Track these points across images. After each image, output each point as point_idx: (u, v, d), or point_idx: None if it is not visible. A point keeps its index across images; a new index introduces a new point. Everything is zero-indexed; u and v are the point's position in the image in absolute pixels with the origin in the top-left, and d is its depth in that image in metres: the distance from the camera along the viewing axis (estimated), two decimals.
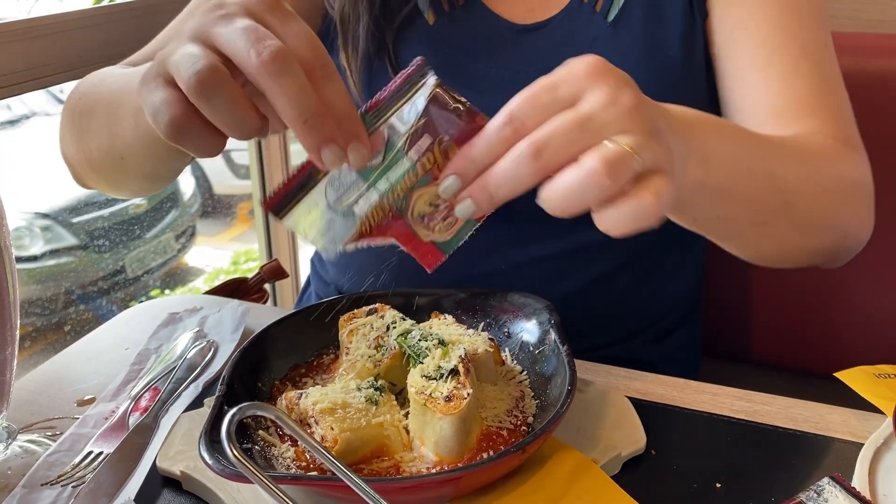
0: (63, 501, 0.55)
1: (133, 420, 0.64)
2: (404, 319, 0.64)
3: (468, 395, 0.54)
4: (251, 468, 0.36)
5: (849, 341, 1.00)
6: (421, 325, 0.65)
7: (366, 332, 0.63)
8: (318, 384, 0.63)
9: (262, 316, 0.84)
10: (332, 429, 0.52)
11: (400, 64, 0.79)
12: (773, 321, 1.05)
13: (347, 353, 0.62)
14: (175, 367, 0.70)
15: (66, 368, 0.74)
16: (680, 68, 0.77)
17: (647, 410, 0.64)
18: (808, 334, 1.03)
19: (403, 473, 0.54)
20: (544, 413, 0.59)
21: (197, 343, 0.74)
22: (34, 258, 3.40)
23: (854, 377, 0.68)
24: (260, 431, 0.56)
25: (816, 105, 0.73)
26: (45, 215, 3.57)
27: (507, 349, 0.68)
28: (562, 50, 0.77)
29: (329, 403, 0.54)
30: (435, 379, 0.56)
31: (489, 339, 0.64)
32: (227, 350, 0.74)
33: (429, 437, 0.54)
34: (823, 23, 0.79)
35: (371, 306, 0.66)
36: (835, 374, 0.69)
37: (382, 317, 0.65)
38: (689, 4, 0.78)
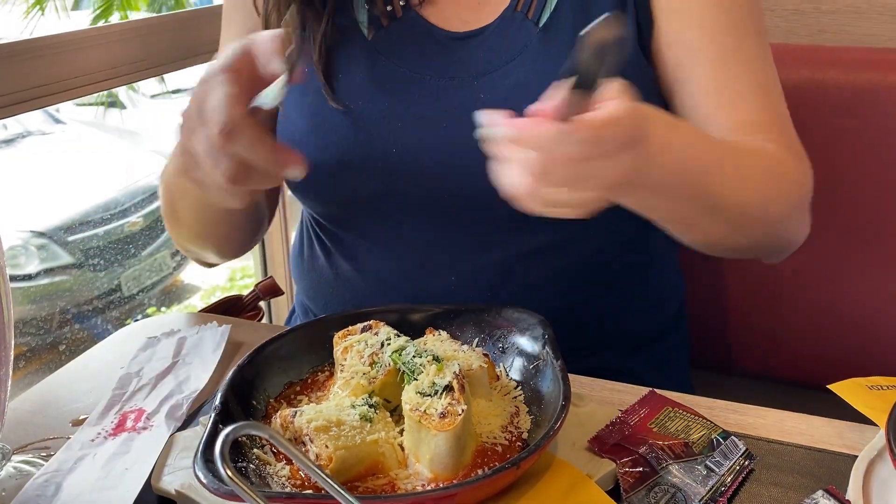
0: None
1: (117, 439, 0.63)
2: (399, 336, 0.65)
3: (462, 411, 0.54)
4: (245, 487, 0.36)
5: (840, 352, 1.01)
6: (415, 341, 0.65)
7: (360, 350, 0.63)
8: (312, 402, 0.63)
9: (258, 333, 0.84)
10: (326, 447, 0.53)
11: (335, 79, 0.81)
12: (763, 331, 1.05)
13: (342, 371, 0.63)
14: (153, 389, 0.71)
15: (61, 388, 0.74)
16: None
17: None
18: (799, 345, 1.04)
19: (399, 491, 0.54)
20: (539, 428, 0.59)
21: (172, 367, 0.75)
22: (29, 277, 3.40)
23: (848, 389, 0.69)
24: (255, 450, 0.56)
25: (765, 122, 0.79)
26: (41, 234, 3.57)
27: (501, 364, 0.68)
28: (494, 56, 0.79)
29: (323, 421, 0.54)
30: (430, 395, 0.56)
31: (483, 354, 0.64)
32: (207, 370, 0.74)
33: (424, 454, 0.54)
34: (763, 35, 0.82)
35: (365, 323, 0.67)
36: (828, 387, 0.69)
37: (377, 333, 0.65)
38: (623, 9, 0.78)
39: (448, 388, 0.56)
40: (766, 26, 0.84)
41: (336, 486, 0.39)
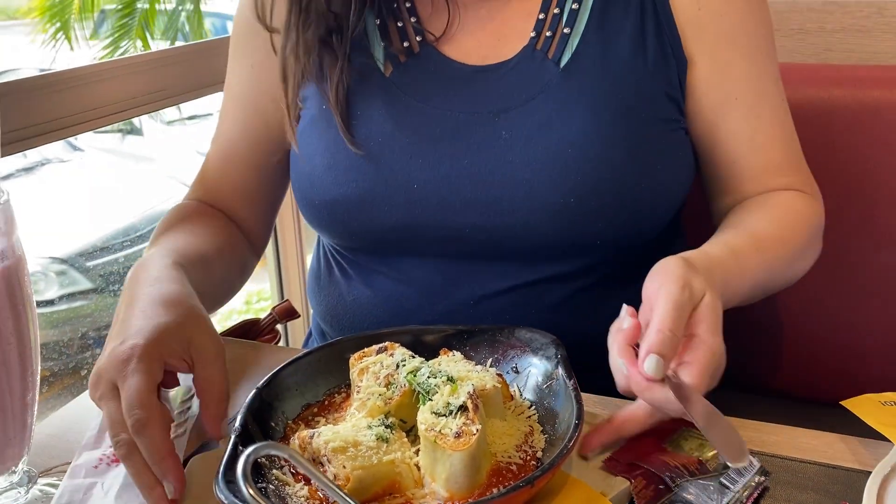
0: None
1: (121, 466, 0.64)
2: (413, 357, 0.65)
3: (477, 430, 0.55)
4: None
5: (854, 368, 1.00)
6: (430, 361, 0.66)
7: (376, 371, 0.64)
8: (330, 423, 0.64)
9: (275, 355, 0.85)
10: (344, 467, 0.53)
11: (353, 118, 0.82)
12: (776, 349, 1.05)
13: (358, 392, 0.63)
14: None
15: (84, 412, 0.75)
16: (634, 112, 0.80)
17: None
18: (812, 362, 1.04)
19: None
20: (553, 447, 0.60)
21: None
22: (50, 303, 3.44)
23: (860, 406, 0.69)
24: (274, 471, 0.57)
25: (788, 164, 0.87)
26: (61, 260, 3.62)
27: (515, 384, 0.68)
28: (515, 92, 0.81)
29: (341, 442, 0.55)
30: (444, 415, 0.57)
31: (497, 374, 0.65)
32: None
33: (440, 474, 0.55)
34: (778, 68, 0.88)
35: (381, 345, 0.67)
36: (841, 403, 0.70)
37: (392, 355, 0.66)
38: (644, 52, 0.81)
39: (463, 408, 0.57)
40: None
41: (334, 488, 0.40)
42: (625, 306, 0.66)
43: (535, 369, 0.67)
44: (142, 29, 5.05)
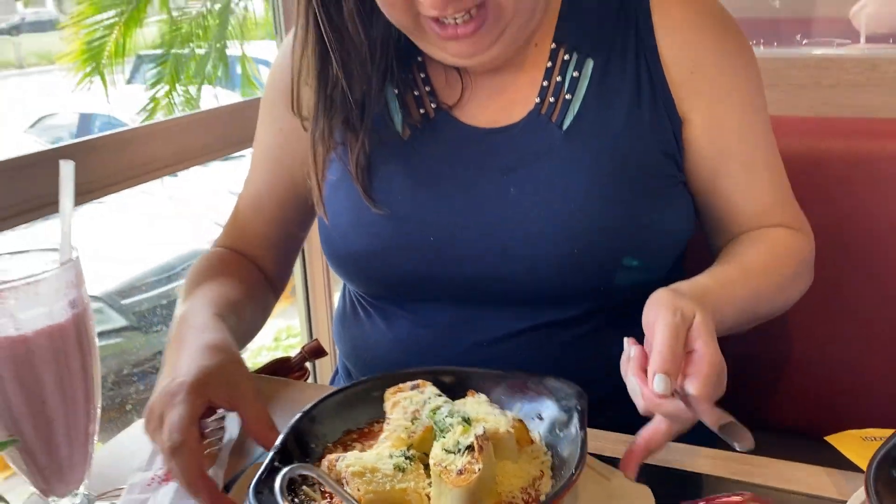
0: None
1: (171, 485, 0.72)
2: (440, 396, 0.71)
3: (478, 470, 0.60)
4: None
5: (840, 405, 1.05)
6: (457, 401, 0.71)
7: (405, 406, 0.70)
8: (364, 449, 0.69)
9: (304, 392, 0.93)
10: (358, 490, 0.60)
11: (374, 178, 0.90)
12: (774, 385, 1.11)
13: (388, 423, 0.69)
14: None
15: (132, 443, 0.83)
16: (632, 171, 0.86)
17: (653, 475, 0.70)
18: (802, 398, 1.09)
19: None
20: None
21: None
22: None
23: (843, 441, 0.75)
24: (304, 487, 0.63)
25: (777, 203, 0.94)
26: (96, 298, 3.73)
27: (537, 431, 0.71)
28: (521, 153, 0.88)
29: (360, 467, 0.61)
30: (454, 453, 0.62)
31: (516, 419, 0.69)
32: (237, 421, 0.82)
33: None
34: (769, 119, 0.94)
35: (414, 382, 0.73)
36: (826, 438, 0.75)
37: (423, 392, 0.71)
38: (640, 114, 0.87)
39: (470, 448, 0.62)
40: (770, 100, 0.94)
41: None
42: (626, 339, 0.73)
43: (556, 417, 0.71)
44: (174, 75, 5.25)
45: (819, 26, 2.27)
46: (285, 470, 0.46)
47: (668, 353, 0.66)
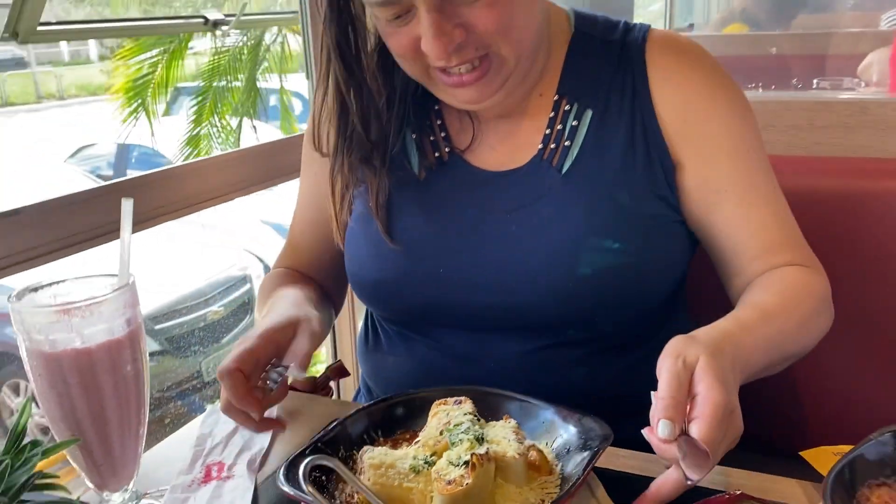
0: None
1: (208, 487, 0.82)
2: (470, 414, 0.78)
3: (466, 484, 0.66)
4: (316, 495, 0.52)
5: (816, 422, 1.11)
6: (490, 422, 0.78)
7: (441, 418, 0.78)
8: (411, 446, 0.77)
9: (329, 407, 1.01)
10: (368, 479, 0.68)
11: (392, 215, 1.00)
12: (757, 404, 1.15)
13: (424, 431, 0.78)
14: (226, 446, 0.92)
15: (173, 451, 0.92)
16: (626, 211, 0.94)
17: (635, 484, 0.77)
18: (780, 416, 1.15)
19: None
20: None
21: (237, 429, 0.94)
22: None
23: (816, 456, 0.81)
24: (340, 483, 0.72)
25: (786, 242, 0.97)
26: None
27: (561, 463, 0.76)
28: (523, 195, 0.97)
29: (378, 461, 0.70)
30: (455, 465, 0.69)
31: (537, 449, 0.75)
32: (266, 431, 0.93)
33: None
34: (768, 163, 0.99)
35: (458, 398, 0.81)
36: (800, 454, 0.82)
37: (461, 408, 0.79)
38: (634, 160, 0.95)
39: (467, 463, 0.69)
40: (768, 140, 0.99)
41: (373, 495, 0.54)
42: (652, 393, 0.73)
43: (575, 453, 0.76)
44: (213, 108, 5.44)
45: (820, 67, 2.35)
46: (307, 459, 0.54)
47: (669, 399, 0.69)
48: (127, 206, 0.74)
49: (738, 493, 0.74)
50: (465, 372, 1.00)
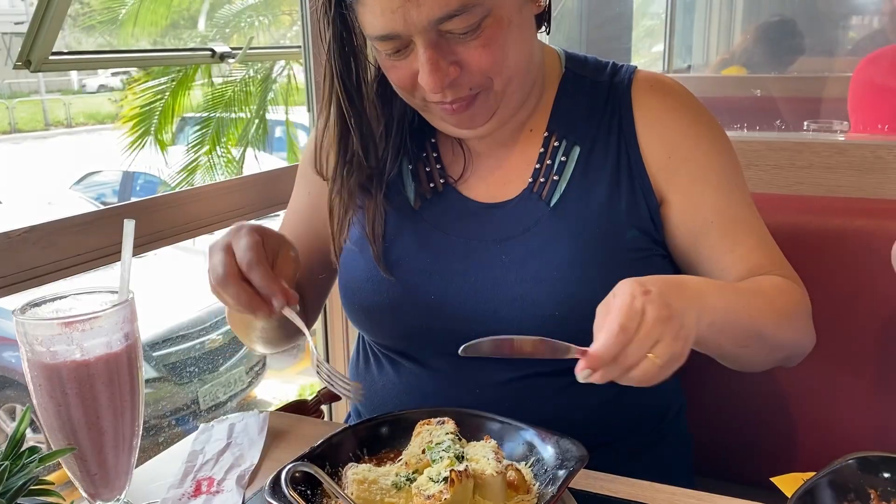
0: None
1: (197, 500, 0.85)
2: (452, 434, 0.81)
3: (444, 500, 0.69)
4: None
5: (789, 452, 1.14)
6: (471, 442, 0.81)
7: (423, 437, 0.81)
8: (394, 463, 0.80)
9: (320, 428, 1.04)
10: (351, 494, 0.71)
11: (386, 241, 1.04)
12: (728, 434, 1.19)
13: (407, 449, 0.81)
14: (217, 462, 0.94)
15: (163, 468, 0.95)
16: (611, 244, 0.98)
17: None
18: (757, 443, 1.18)
19: None
20: None
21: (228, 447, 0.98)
22: None
23: (787, 483, 0.84)
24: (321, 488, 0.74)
25: (768, 263, 1.00)
26: None
27: (538, 483, 0.79)
28: (513, 226, 1.01)
29: (362, 476, 0.73)
30: (435, 481, 0.72)
31: (515, 469, 0.78)
32: (256, 449, 0.96)
33: None
34: (749, 195, 1.03)
35: (442, 419, 0.84)
36: (771, 479, 0.84)
37: (443, 428, 0.82)
38: (619, 194, 0.99)
39: (446, 479, 0.72)
40: (751, 178, 1.04)
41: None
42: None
43: (552, 472, 0.78)
44: (216, 137, 5.53)
45: (815, 110, 2.40)
46: (289, 466, 0.57)
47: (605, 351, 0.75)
48: (129, 226, 0.78)
49: None
50: (452, 396, 1.03)
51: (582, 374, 0.76)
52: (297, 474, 0.58)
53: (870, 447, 0.95)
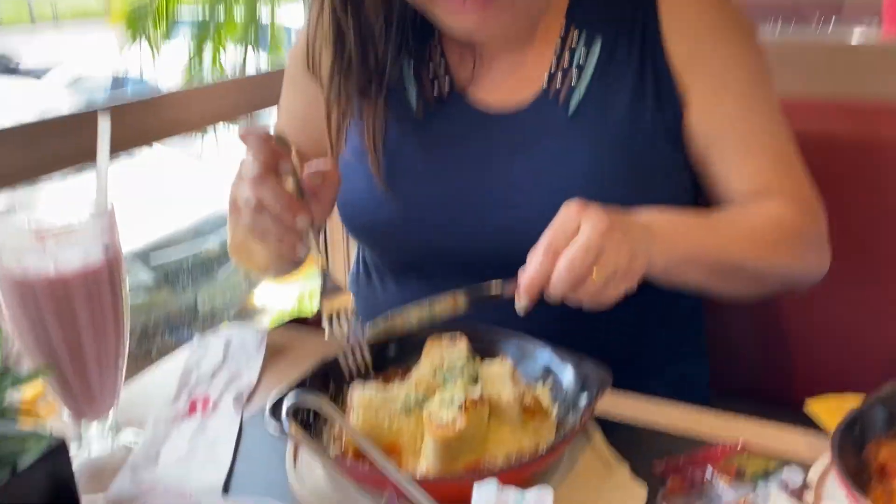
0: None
1: (192, 420, 0.80)
2: (465, 353, 0.75)
3: (459, 427, 0.64)
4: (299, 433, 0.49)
5: (823, 373, 1.10)
6: (485, 361, 0.75)
7: (434, 356, 0.75)
8: (402, 384, 0.74)
9: (321, 345, 0.98)
10: (357, 417, 0.66)
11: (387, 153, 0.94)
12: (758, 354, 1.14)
13: (416, 369, 0.75)
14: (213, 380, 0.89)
15: (154, 387, 0.89)
16: (633, 154, 0.90)
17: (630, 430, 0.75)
18: (783, 365, 1.13)
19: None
20: None
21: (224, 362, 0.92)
22: None
23: (822, 406, 0.78)
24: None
25: (781, 184, 0.92)
26: (126, 254, 3.81)
27: (557, 406, 0.74)
28: (527, 136, 0.92)
29: (367, 400, 0.67)
30: (447, 407, 0.66)
31: (532, 393, 0.72)
32: (255, 366, 0.91)
33: (424, 451, 0.66)
34: (775, 103, 0.95)
35: (453, 335, 0.78)
36: (806, 400, 0.79)
37: (455, 346, 0.76)
38: (643, 98, 0.90)
39: (460, 405, 0.66)
40: (783, 82, 0.94)
41: (363, 442, 0.52)
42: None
43: (575, 398, 0.73)
44: (219, 38, 5.35)
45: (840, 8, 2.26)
46: (290, 400, 0.51)
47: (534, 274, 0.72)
48: (104, 122, 0.70)
49: (738, 445, 0.72)
50: (462, 317, 0.97)
51: (519, 304, 0.72)
52: (289, 400, 0.53)
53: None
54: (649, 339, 1.01)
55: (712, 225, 0.86)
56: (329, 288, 0.80)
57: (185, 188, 4.47)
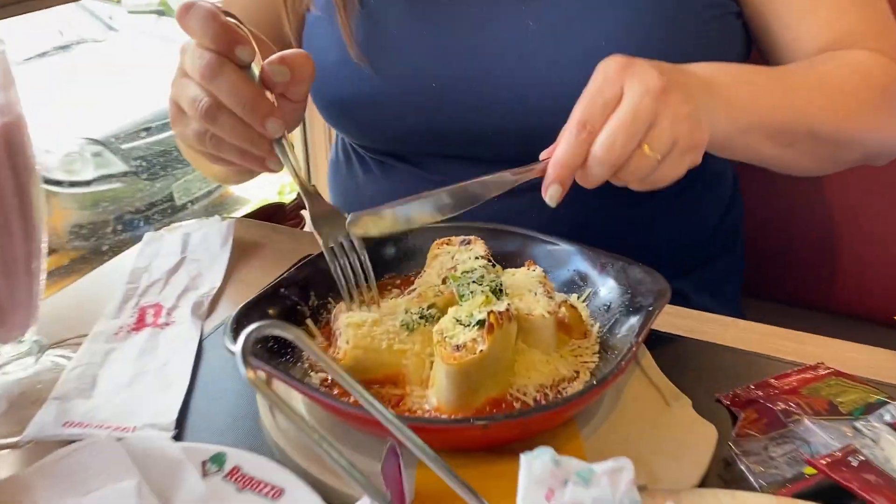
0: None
1: (139, 336, 0.65)
2: (482, 258, 0.60)
3: (480, 351, 0.49)
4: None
5: None
6: (507, 269, 0.61)
7: (443, 262, 0.61)
8: (403, 296, 0.60)
9: (299, 240, 0.83)
10: (347, 342, 0.51)
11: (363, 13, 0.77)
12: (825, 261, 1.00)
13: (420, 278, 0.61)
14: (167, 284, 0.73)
15: (100, 287, 0.74)
16: (674, 5, 0.73)
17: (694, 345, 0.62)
18: (865, 277, 0.98)
19: (403, 406, 0.52)
20: None
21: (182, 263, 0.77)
22: (86, 183, 3.47)
23: None
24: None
25: (865, 32, 0.75)
26: (96, 141, 3.63)
27: (598, 324, 0.60)
28: None
29: (359, 318, 0.52)
30: (464, 325, 0.51)
31: (570, 305, 0.58)
32: (219, 267, 0.76)
33: (434, 381, 0.52)
34: None
35: (466, 237, 0.63)
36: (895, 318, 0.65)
37: (469, 250, 0.61)
38: None
39: (481, 323, 0.51)
40: None
41: (343, 375, 0.37)
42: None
43: (623, 314, 0.58)
44: None
45: None
46: (250, 329, 0.35)
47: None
48: None
49: (817, 365, 0.60)
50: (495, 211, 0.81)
51: (549, 192, 0.58)
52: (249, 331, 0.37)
53: None
54: (684, 235, 0.87)
55: (785, 80, 0.70)
56: (319, 213, 0.61)
57: (155, 72, 4.22)
